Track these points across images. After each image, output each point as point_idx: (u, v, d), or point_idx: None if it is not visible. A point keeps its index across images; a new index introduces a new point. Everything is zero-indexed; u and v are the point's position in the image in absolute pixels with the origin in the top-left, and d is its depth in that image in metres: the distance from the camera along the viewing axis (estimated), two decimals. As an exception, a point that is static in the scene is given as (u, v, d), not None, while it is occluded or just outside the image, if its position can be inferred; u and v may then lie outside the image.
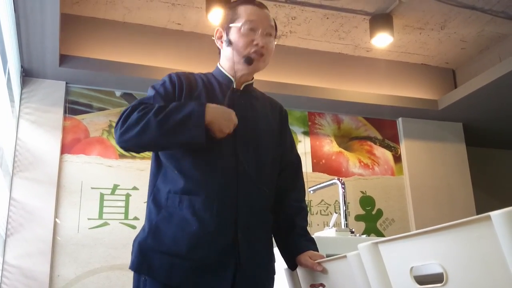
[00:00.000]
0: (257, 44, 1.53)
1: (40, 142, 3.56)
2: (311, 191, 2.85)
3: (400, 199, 4.53)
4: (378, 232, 4.35)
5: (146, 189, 1.54)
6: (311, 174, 4.27)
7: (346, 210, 2.60)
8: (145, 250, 1.39)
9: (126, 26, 3.94)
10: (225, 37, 1.57)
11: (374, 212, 4.42)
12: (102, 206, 3.64)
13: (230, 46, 1.54)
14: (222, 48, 1.59)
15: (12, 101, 3.26)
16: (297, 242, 1.52)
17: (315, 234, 2.42)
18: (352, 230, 2.49)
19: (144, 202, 3.64)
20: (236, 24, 1.54)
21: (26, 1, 2.69)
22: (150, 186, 1.50)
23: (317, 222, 4.17)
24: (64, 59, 3.55)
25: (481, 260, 0.89)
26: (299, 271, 1.54)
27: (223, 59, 1.60)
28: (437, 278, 1.00)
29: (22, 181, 3.43)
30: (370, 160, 4.56)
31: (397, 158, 4.66)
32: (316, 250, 1.51)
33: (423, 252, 1.01)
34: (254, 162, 1.48)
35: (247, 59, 1.52)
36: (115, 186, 3.72)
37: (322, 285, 1.44)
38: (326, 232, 2.50)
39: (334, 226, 2.54)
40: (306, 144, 4.38)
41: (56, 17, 2.89)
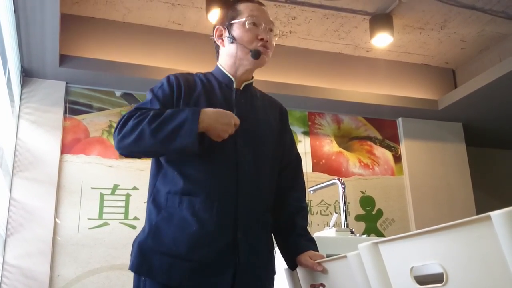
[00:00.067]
0: (262, 38, 1.53)
1: (40, 142, 3.56)
2: (311, 191, 2.85)
3: (400, 199, 4.53)
4: (378, 232, 4.35)
5: (146, 189, 1.53)
6: (311, 174, 4.27)
7: (346, 210, 2.60)
8: (145, 251, 1.39)
9: (126, 26, 3.94)
10: (227, 34, 1.56)
11: (374, 212, 4.42)
12: (102, 206, 3.64)
13: (233, 43, 1.54)
14: (224, 46, 1.58)
15: (12, 101, 3.26)
16: (297, 242, 1.52)
17: (315, 234, 2.42)
18: (352, 230, 2.49)
19: (144, 202, 3.64)
20: (238, 20, 1.54)
21: (26, 1, 2.69)
22: (150, 187, 1.50)
23: (317, 222, 4.17)
24: (64, 59, 3.55)
25: (481, 260, 0.89)
26: (299, 271, 1.54)
27: (224, 58, 1.59)
28: (437, 278, 1.00)
29: (22, 181, 3.43)
30: (370, 160, 4.56)
31: (397, 158, 4.66)
32: (316, 250, 1.51)
33: (423, 252, 1.00)
34: (254, 162, 1.48)
35: (255, 53, 1.51)
36: (115, 186, 3.72)
37: (322, 285, 1.44)
38: (326, 232, 2.50)
39: (334, 226, 2.54)
40: (306, 144, 4.38)
41: (56, 17, 2.89)
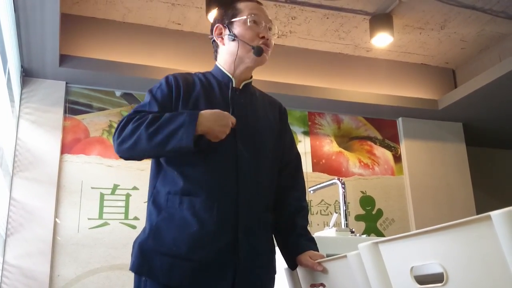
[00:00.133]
0: (263, 36, 1.54)
1: (40, 142, 3.55)
2: (311, 191, 2.85)
3: (400, 199, 4.53)
4: (378, 232, 4.35)
5: (146, 189, 1.53)
6: (311, 174, 4.27)
7: (346, 210, 2.60)
8: (145, 251, 1.39)
9: (126, 26, 3.94)
10: (227, 32, 1.56)
11: (374, 212, 4.42)
12: (102, 206, 3.64)
13: (235, 41, 1.54)
14: (224, 44, 1.58)
15: (12, 101, 3.26)
16: (297, 242, 1.51)
17: (315, 234, 2.42)
18: (352, 230, 2.49)
19: (144, 202, 3.64)
20: (239, 18, 1.54)
21: (26, 1, 2.69)
22: (150, 187, 1.50)
23: (317, 222, 4.17)
24: (64, 59, 3.55)
25: (481, 260, 0.89)
26: (299, 271, 1.54)
27: (223, 57, 1.59)
28: (437, 278, 1.00)
29: (22, 181, 3.43)
30: (370, 160, 4.56)
31: (397, 158, 4.66)
32: (316, 250, 1.51)
33: (424, 252, 1.00)
34: (254, 161, 1.48)
35: (258, 49, 1.51)
36: (115, 186, 3.72)
37: (322, 285, 1.44)
38: (326, 232, 2.50)
39: (334, 226, 2.54)
40: (306, 144, 4.38)
41: (56, 17, 2.88)
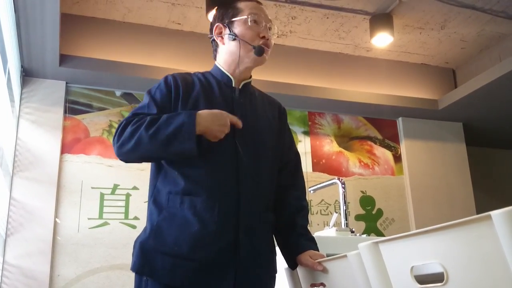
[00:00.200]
0: (263, 36, 1.54)
1: (40, 142, 3.55)
2: (311, 191, 2.85)
3: (400, 199, 4.53)
4: (378, 231, 4.35)
5: (146, 188, 1.53)
6: (311, 174, 4.27)
7: (346, 210, 2.60)
8: (146, 251, 1.39)
9: (126, 26, 3.94)
10: (227, 31, 1.56)
11: (374, 211, 4.42)
12: (102, 206, 3.64)
13: (235, 40, 1.54)
14: (224, 43, 1.58)
15: (12, 101, 3.26)
16: (297, 242, 1.51)
17: (315, 234, 2.42)
18: (352, 229, 2.50)
19: (144, 202, 3.64)
20: (240, 17, 1.54)
21: (26, 0, 2.68)
22: (151, 187, 1.50)
23: (317, 221, 4.17)
24: (64, 59, 3.55)
25: (481, 259, 0.89)
26: (300, 271, 1.54)
27: (223, 56, 1.59)
28: (437, 278, 0.99)
29: (22, 181, 3.43)
30: (370, 160, 4.56)
31: (397, 158, 4.66)
32: (316, 249, 1.51)
33: (424, 251, 1.00)
34: (254, 161, 1.48)
35: (259, 49, 1.51)
36: (115, 186, 3.72)
37: (322, 284, 1.44)
38: (326, 231, 2.50)
39: (334, 225, 2.54)
40: (306, 144, 4.38)
41: (56, 16, 2.88)
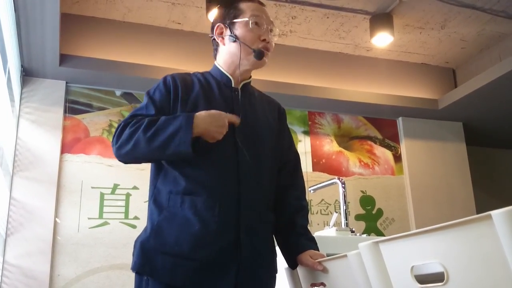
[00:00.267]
0: (264, 39, 1.53)
1: (40, 141, 3.55)
2: (311, 191, 2.85)
3: (400, 199, 4.53)
4: (378, 231, 4.35)
5: (147, 188, 1.53)
6: (311, 173, 4.26)
7: (346, 210, 2.60)
8: (147, 251, 1.39)
9: (126, 26, 3.94)
10: (228, 32, 1.55)
11: (374, 211, 4.42)
12: (102, 206, 3.64)
13: (235, 42, 1.53)
14: (224, 44, 1.57)
15: (12, 100, 3.26)
16: (297, 241, 1.51)
17: (316, 234, 2.42)
18: (352, 229, 2.49)
19: (144, 202, 3.64)
20: (241, 19, 1.54)
21: (26, 0, 2.68)
22: (151, 187, 1.50)
23: (317, 221, 4.17)
24: (64, 59, 3.55)
25: (481, 259, 0.89)
26: (300, 270, 1.54)
27: (223, 56, 1.58)
28: (437, 277, 0.99)
29: (22, 180, 3.43)
30: (370, 159, 4.56)
31: (397, 158, 4.66)
32: (316, 249, 1.51)
33: (424, 251, 1.00)
34: (254, 161, 1.48)
35: (259, 53, 1.51)
36: (115, 186, 3.72)
37: (322, 284, 1.44)
38: (327, 231, 2.50)
39: (334, 225, 2.54)
40: (306, 143, 4.37)
41: (56, 16, 2.88)
